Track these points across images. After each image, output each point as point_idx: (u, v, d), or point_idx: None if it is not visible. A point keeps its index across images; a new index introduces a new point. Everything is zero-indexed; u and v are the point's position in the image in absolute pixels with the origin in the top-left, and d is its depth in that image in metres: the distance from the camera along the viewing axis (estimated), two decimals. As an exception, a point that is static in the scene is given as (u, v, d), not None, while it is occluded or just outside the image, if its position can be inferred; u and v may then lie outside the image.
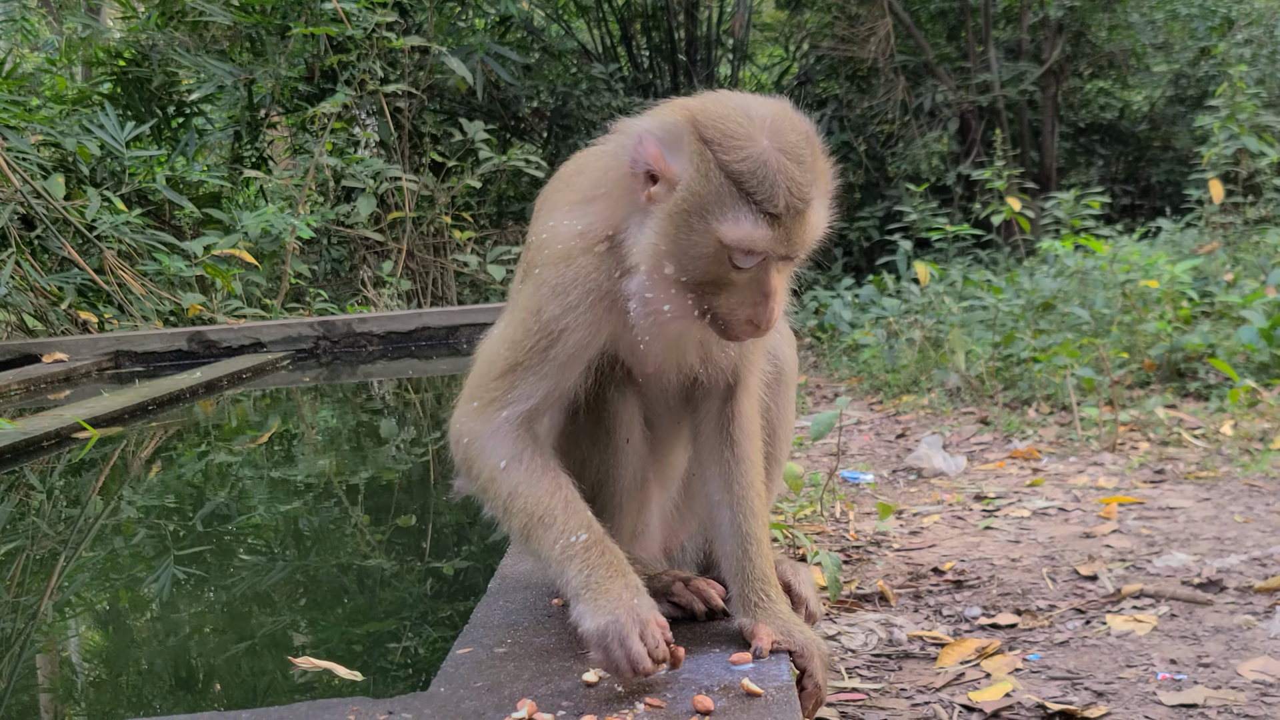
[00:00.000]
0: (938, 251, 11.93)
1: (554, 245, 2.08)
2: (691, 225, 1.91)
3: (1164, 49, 15.19)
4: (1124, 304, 6.90)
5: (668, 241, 1.94)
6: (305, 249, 11.56)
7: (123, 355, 8.49)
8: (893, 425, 6.34)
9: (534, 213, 2.26)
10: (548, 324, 2.05)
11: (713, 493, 2.26)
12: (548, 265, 2.07)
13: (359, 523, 4.34)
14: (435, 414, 6.77)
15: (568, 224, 2.09)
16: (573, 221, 2.09)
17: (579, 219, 2.08)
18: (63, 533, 4.34)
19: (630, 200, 2.01)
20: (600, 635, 1.93)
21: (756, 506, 2.22)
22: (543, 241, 2.11)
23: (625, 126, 2.05)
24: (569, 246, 2.06)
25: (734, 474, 2.23)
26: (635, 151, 1.95)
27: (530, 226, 2.24)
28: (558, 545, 2.03)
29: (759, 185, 1.88)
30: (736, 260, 1.93)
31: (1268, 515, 4.05)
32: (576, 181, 2.17)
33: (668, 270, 1.95)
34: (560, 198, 2.18)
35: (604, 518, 2.22)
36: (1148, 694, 2.66)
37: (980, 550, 3.88)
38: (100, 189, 10.57)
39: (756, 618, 2.15)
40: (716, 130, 1.91)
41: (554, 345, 2.06)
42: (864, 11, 14.51)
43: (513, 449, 2.08)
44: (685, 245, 1.93)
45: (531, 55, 15.14)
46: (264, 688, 2.84)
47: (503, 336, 2.14)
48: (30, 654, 3.14)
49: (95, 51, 13.07)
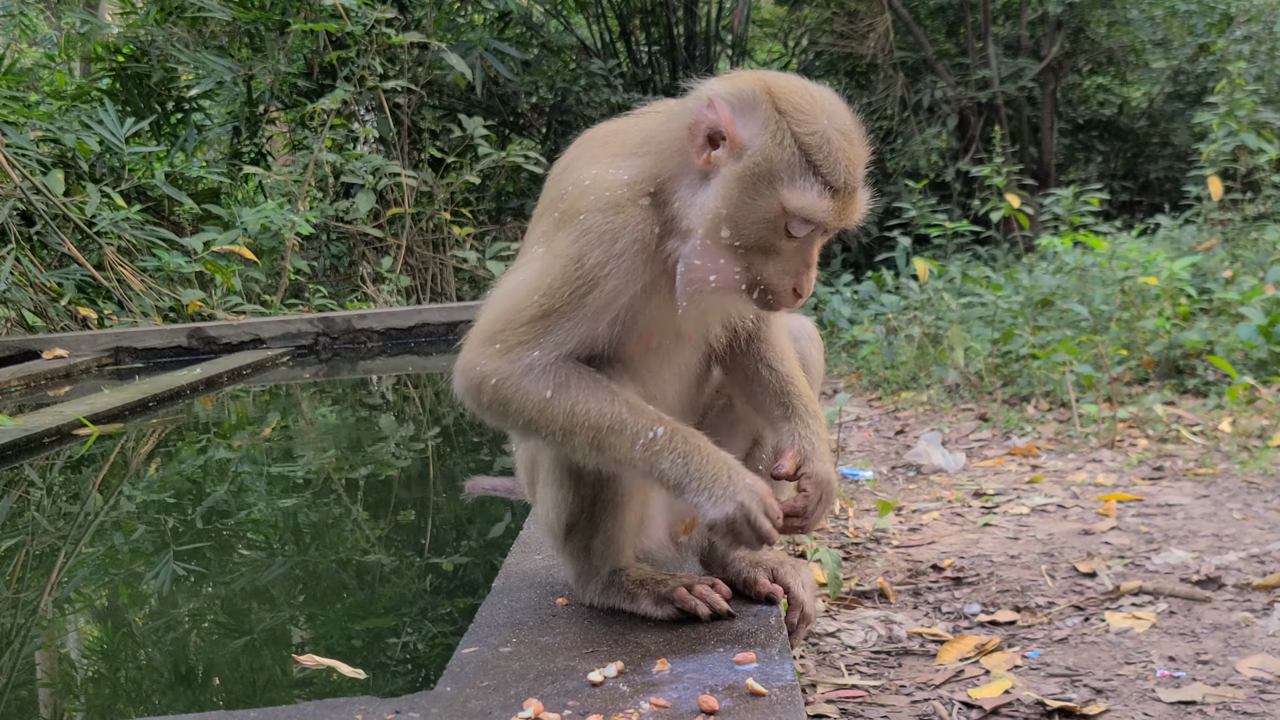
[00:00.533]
0: (937, 248, 11.93)
1: (600, 193, 2.07)
2: (759, 189, 1.98)
3: (1163, 45, 15.19)
4: (1123, 301, 6.91)
5: (730, 205, 1.99)
6: (304, 245, 11.56)
7: (123, 351, 8.50)
8: (892, 422, 6.35)
9: (559, 171, 2.24)
10: (591, 270, 2.04)
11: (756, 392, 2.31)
12: (593, 212, 2.05)
13: (359, 519, 4.35)
14: (435, 410, 6.77)
15: (613, 174, 2.09)
16: (618, 172, 2.10)
17: (625, 170, 2.10)
18: (63, 528, 4.35)
19: (681, 160, 2.05)
20: (729, 522, 2.00)
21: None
22: (584, 189, 2.09)
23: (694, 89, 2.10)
24: (616, 195, 2.06)
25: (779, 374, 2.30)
26: (702, 113, 2.01)
27: (553, 185, 2.22)
28: (638, 446, 2.03)
29: (824, 159, 1.98)
30: (792, 228, 2.00)
31: (1266, 512, 4.06)
32: (617, 139, 2.19)
33: (724, 234, 2.01)
34: (599, 151, 2.17)
35: (606, 518, 2.23)
36: (1146, 691, 2.67)
37: (979, 547, 3.89)
38: (99, 185, 10.57)
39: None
40: (789, 103, 2.00)
41: (592, 291, 2.05)
42: (863, 7, 14.51)
43: (557, 376, 2.06)
44: (748, 209, 1.99)
45: (530, 51, 15.12)
46: (264, 684, 2.84)
47: (532, 283, 2.09)
48: (30, 649, 3.14)
49: (94, 47, 13.08)
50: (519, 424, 2.10)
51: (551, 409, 2.05)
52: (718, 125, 1.99)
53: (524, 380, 2.06)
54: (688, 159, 2.04)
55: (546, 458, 2.27)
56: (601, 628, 2.21)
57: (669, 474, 2.03)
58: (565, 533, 2.28)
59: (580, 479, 2.20)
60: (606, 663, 2.01)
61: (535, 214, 2.27)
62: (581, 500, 2.22)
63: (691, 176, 2.05)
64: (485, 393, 2.10)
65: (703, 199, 2.02)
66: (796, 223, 2.00)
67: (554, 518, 2.28)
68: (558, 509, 2.26)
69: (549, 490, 2.27)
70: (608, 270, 2.04)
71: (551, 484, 2.25)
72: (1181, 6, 14.67)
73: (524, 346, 2.07)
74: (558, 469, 2.23)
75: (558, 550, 2.36)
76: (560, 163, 2.27)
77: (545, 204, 2.22)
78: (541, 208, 2.24)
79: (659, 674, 1.97)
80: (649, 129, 2.15)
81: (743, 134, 1.99)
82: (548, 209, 2.19)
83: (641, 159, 2.11)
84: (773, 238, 2.01)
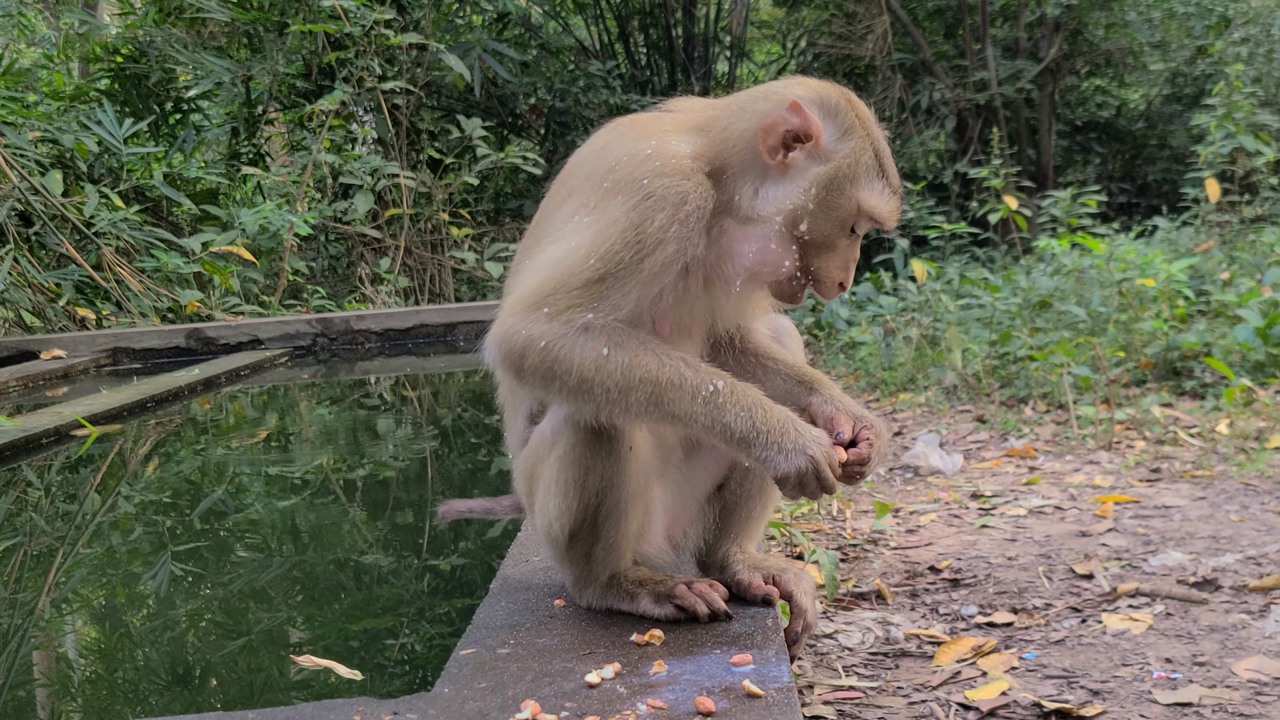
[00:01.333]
0: (935, 249, 11.94)
1: (665, 160, 2.08)
2: (841, 190, 2.12)
3: (1161, 47, 15.21)
4: (1120, 302, 6.92)
5: (810, 201, 2.11)
6: (303, 246, 11.56)
7: (121, 352, 8.50)
8: (889, 423, 6.36)
9: (596, 149, 2.25)
10: (655, 232, 2.04)
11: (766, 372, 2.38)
12: (660, 176, 2.06)
13: (356, 519, 4.35)
14: (433, 411, 6.78)
15: (677, 145, 2.13)
16: (681, 145, 2.13)
17: (687, 145, 2.14)
18: (61, 529, 4.35)
19: (748, 151, 2.13)
20: (799, 475, 2.03)
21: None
22: (645, 157, 2.09)
23: (769, 88, 2.21)
24: (683, 164, 2.09)
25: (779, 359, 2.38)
26: (783, 115, 2.10)
27: (593, 160, 2.21)
28: (699, 400, 2.02)
29: (888, 164, 2.18)
30: (858, 226, 2.17)
31: (1263, 514, 4.07)
32: (668, 119, 2.24)
33: (801, 227, 2.12)
34: (650, 129, 2.20)
35: (608, 526, 2.22)
36: (1143, 692, 2.67)
37: (977, 549, 3.90)
38: (98, 185, 10.57)
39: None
40: (864, 111, 2.18)
41: (653, 254, 2.04)
42: (861, 9, 14.53)
43: (612, 336, 2.03)
44: (827, 207, 2.12)
45: (529, 52, 15.14)
46: (262, 684, 2.84)
47: (586, 247, 2.06)
48: (28, 650, 3.14)
49: (93, 47, 13.07)
50: (569, 385, 2.05)
51: (609, 366, 2.02)
52: (803, 129, 2.10)
53: (578, 340, 2.03)
54: (755, 152, 2.12)
55: (549, 467, 2.23)
56: (599, 629, 2.22)
57: (734, 427, 2.02)
58: (568, 541, 2.26)
59: (584, 488, 2.18)
60: (604, 664, 2.02)
61: (562, 192, 2.26)
62: (585, 509, 2.21)
63: (757, 168, 2.13)
64: (531, 356, 2.05)
65: (777, 193, 2.12)
66: (865, 221, 2.16)
67: (556, 527, 2.25)
68: (560, 518, 2.23)
69: (551, 499, 2.24)
70: (671, 233, 2.05)
71: (554, 493, 2.23)
72: (1180, 9, 14.69)
73: (577, 309, 2.04)
74: (561, 478, 2.20)
75: (557, 558, 2.35)
76: (594, 143, 2.28)
77: (581, 179, 2.21)
78: (574, 184, 2.22)
79: (656, 676, 1.97)
80: (712, 115, 2.21)
81: (826, 138, 2.12)
82: (588, 182, 2.17)
83: (705, 138, 2.16)
84: (838, 235, 2.15)
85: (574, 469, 2.18)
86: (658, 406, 2.03)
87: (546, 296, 2.06)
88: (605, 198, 2.10)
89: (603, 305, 2.04)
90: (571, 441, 2.18)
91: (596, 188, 2.13)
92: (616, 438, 2.16)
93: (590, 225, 2.09)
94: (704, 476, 2.43)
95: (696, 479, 2.42)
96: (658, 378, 2.02)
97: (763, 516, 2.48)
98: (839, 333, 9.46)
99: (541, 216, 2.31)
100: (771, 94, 2.17)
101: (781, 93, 2.15)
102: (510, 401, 2.39)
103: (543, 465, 2.26)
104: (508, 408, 2.41)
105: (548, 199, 2.32)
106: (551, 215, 2.25)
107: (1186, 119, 13.08)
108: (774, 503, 2.50)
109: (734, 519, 2.44)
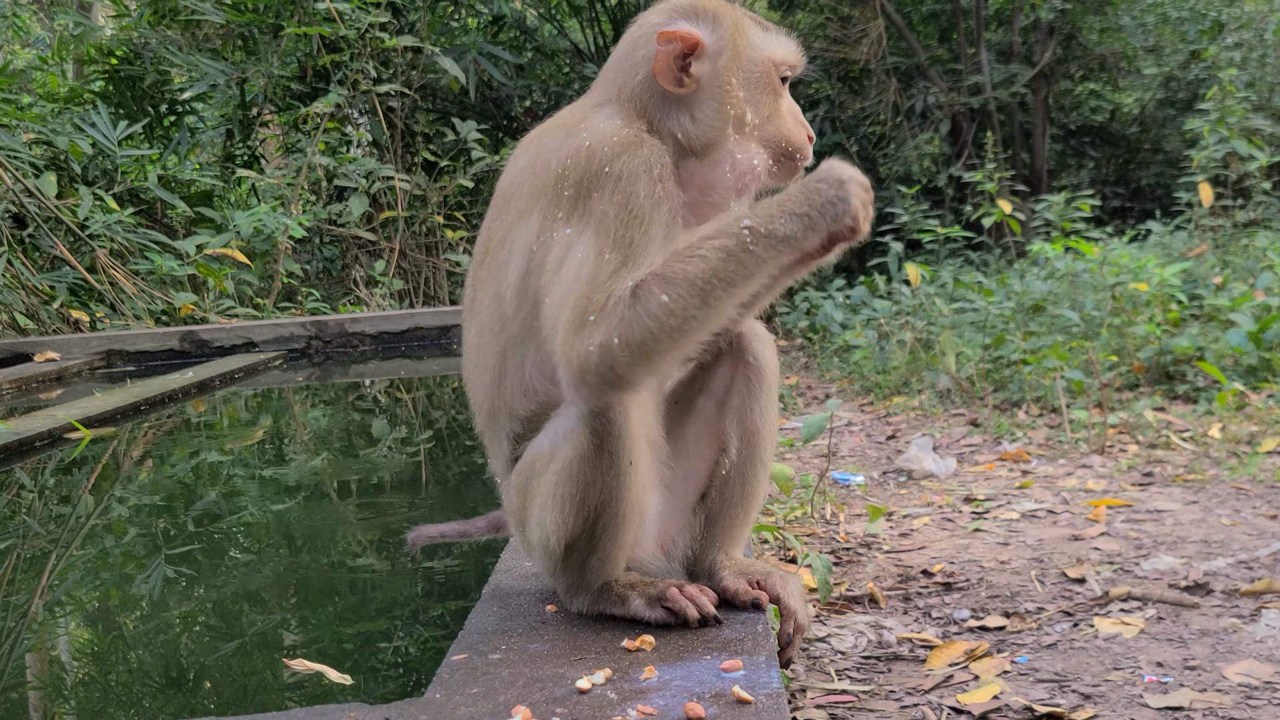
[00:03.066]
0: (929, 253, 11.96)
1: (610, 143, 2.09)
2: (750, 61, 2.22)
3: (1154, 52, 15.24)
4: (1113, 306, 6.93)
5: (737, 94, 2.20)
6: (297, 248, 11.56)
7: (115, 354, 8.49)
8: (883, 427, 6.37)
9: (524, 165, 2.22)
10: (643, 204, 2.04)
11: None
12: (616, 159, 2.07)
13: (350, 522, 4.35)
14: (427, 414, 6.78)
15: (606, 126, 2.14)
16: (610, 124, 2.15)
17: (615, 120, 2.16)
18: (54, 532, 4.35)
19: (659, 99, 2.21)
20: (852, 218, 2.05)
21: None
22: (588, 151, 2.09)
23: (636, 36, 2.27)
24: (625, 134, 2.11)
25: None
26: (662, 50, 2.17)
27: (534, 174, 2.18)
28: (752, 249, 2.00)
29: (759, 18, 2.30)
30: (782, 76, 2.28)
31: (1254, 518, 4.08)
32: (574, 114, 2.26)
33: (746, 119, 2.21)
34: (573, 121, 2.21)
35: (605, 538, 2.20)
36: (1134, 696, 2.68)
37: (969, 552, 3.90)
38: (92, 187, 10.58)
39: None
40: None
41: (654, 220, 2.05)
42: (856, 13, 14.54)
43: (656, 280, 1.99)
44: (750, 85, 2.22)
45: (524, 55, 15.14)
46: (255, 687, 2.84)
47: (592, 253, 2.03)
48: (20, 653, 3.14)
49: (87, 49, 13.07)
50: (666, 346, 2.00)
51: (676, 302, 1.97)
52: (686, 47, 2.17)
53: (635, 309, 1.98)
54: (664, 92, 2.19)
55: (547, 481, 2.21)
56: (590, 635, 2.22)
57: (791, 229, 2.02)
58: (564, 553, 2.25)
59: (583, 502, 2.17)
60: (595, 670, 2.01)
61: (508, 216, 2.22)
62: (583, 522, 2.19)
63: (676, 102, 2.20)
64: (619, 354, 1.98)
65: (708, 109, 2.19)
66: (783, 70, 2.27)
67: (553, 540, 2.23)
68: (558, 531, 2.21)
69: (550, 513, 2.21)
70: (657, 195, 2.06)
71: (552, 507, 2.20)
72: (1173, 13, 14.73)
73: (615, 295, 2.00)
74: (560, 492, 2.18)
75: (551, 569, 2.33)
76: (520, 162, 2.26)
77: (529, 199, 2.17)
78: (522, 205, 2.19)
79: (647, 681, 1.97)
80: (611, 86, 2.25)
81: (706, 36, 2.19)
82: (541, 199, 2.14)
83: (619, 106, 2.21)
84: (773, 100, 2.25)
85: (573, 483, 2.16)
86: (733, 286, 2.00)
87: (587, 308, 2.01)
88: (577, 204, 2.08)
89: (635, 272, 2.02)
90: (570, 456, 2.16)
91: (557, 199, 2.11)
92: (617, 451, 2.14)
93: (582, 232, 2.07)
94: (689, 485, 2.42)
95: (682, 487, 2.42)
96: (714, 269, 1.98)
97: (746, 522, 2.46)
98: (833, 336, 9.47)
99: (492, 243, 2.27)
100: (638, 39, 2.24)
101: (645, 31, 2.23)
102: (490, 428, 2.35)
103: (539, 479, 2.23)
104: (488, 434, 2.37)
105: (493, 225, 2.28)
106: (507, 237, 2.22)
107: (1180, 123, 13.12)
108: (757, 507, 2.49)
109: (718, 526, 2.43)
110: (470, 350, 2.35)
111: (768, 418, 2.41)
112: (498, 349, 2.25)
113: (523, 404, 2.26)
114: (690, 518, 2.45)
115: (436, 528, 2.90)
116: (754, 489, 2.43)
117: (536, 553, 2.33)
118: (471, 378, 2.35)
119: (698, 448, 2.38)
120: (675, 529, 2.46)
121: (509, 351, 2.24)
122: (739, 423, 2.39)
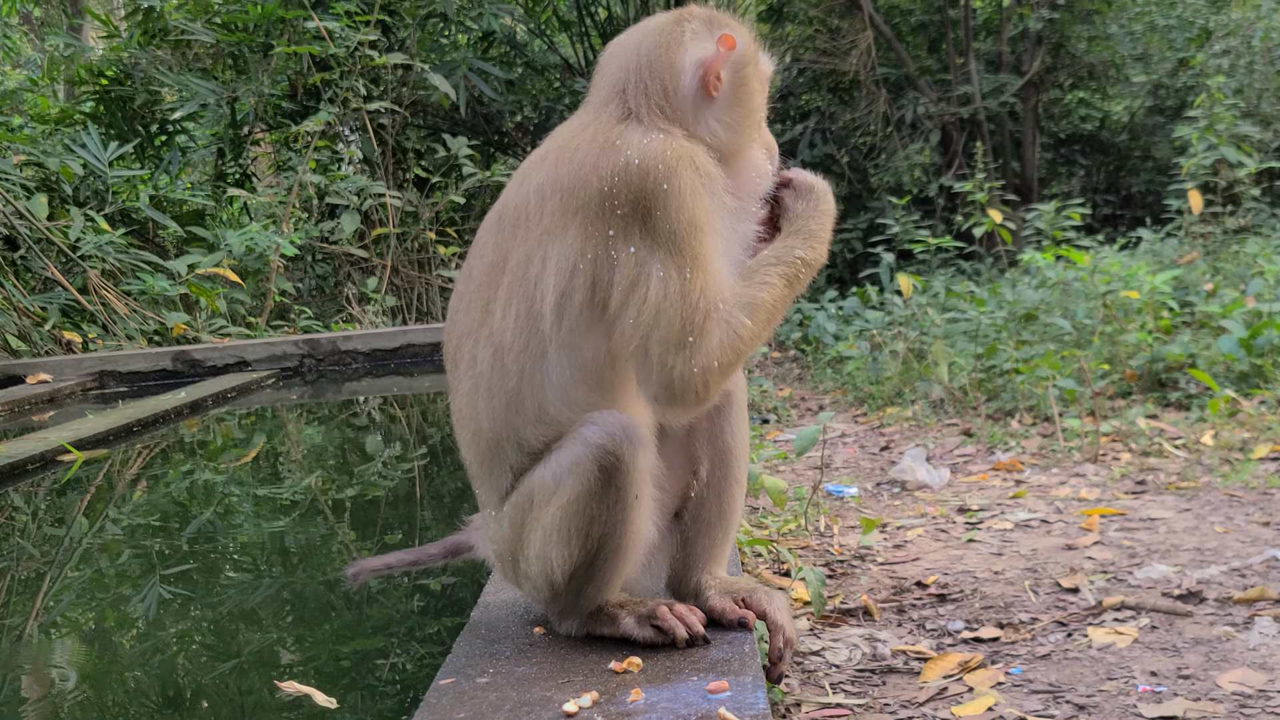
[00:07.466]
0: (920, 263, 11.98)
1: (663, 157, 2.08)
2: (759, 74, 2.30)
3: (1143, 60, 15.29)
4: (1105, 314, 6.95)
5: (758, 97, 2.29)
6: (289, 266, 11.56)
7: (107, 375, 8.48)
8: (877, 438, 6.37)
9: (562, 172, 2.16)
10: (711, 215, 2.13)
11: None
12: (675, 173, 2.07)
13: (345, 540, 4.35)
14: (421, 431, 6.78)
15: (641, 137, 2.13)
16: (656, 135, 2.13)
17: (657, 132, 2.15)
18: (48, 553, 4.34)
19: (694, 106, 2.23)
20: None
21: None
22: (641, 169, 2.07)
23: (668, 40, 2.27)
24: (677, 152, 2.11)
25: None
26: (723, 53, 2.22)
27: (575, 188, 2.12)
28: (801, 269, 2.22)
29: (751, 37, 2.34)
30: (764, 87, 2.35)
31: (1247, 526, 4.09)
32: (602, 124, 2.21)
33: (758, 119, 2.31)
34: (600, 135, 2.16)
35: (605, 568, 2.19)
36: (1128, 706, 2.69)
37: (963, 563, 3.91)
38: (83, 208, 10.57)
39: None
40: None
41: (720, 230, 2.16)
42: (845, 24, 14.58)
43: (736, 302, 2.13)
44: (759, 92, 2.31)
45: (514, 71, 15.17)
46: (251, 708, 2.84)
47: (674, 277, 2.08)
48: (15, 674, 3.14)
49: (78, 70, 13.08)
50: (739, 362, 2.18)
51: (757, 326, 2.15)
52: (734, 53, 2.23)
53: (730, 333, 2.11)
54: (698, 101, 2.22)
55: (550, 515, 2.18)
56: (578, 657, 2.21)
57: (810, 254, 2.24)
58: (565, 583, 2.23)
59: (588, 535, 2.16)
60: (582, 693, 2.01)
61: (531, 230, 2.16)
62: (587, 554, 2.17)
63: (705, 112, 2.23)
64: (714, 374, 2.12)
65: (737, 115, 2.26)
66: (766, 79, 2.34)
67: (558, 574, 2.21)
68: (562, 565, 2.19)
69: (553, 548, 2.19)
70: (719, 205, 2.16)
71: (556, 542, 2.18)
72: (1161, 21, 14.78)
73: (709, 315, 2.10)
74: (565, 526, 2.16)
75: (548, 598, 2.30)
76: (530, 178, 2.20)
77: (562, 212, 2.12)
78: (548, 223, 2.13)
79: (633, 704, 1.97)
80: (628, 99, 2.22)
81: (740, 45, 2.26)
82: (581, 215, 2.10)
83: (653, 118, 2.19)
84: (764, 104, 2.34)
85: (579, 517, 2.15)
86: (785, 308, 2.22)
87: (684, 328, 2.08)
88: (633, 222, 2.07)
89: (719, 288, 2.12)
90: (577, 490, 2.14)
91: (606, 216, 2.08)
92: (625, 486, 2.13)
93: (653, 250, 2.08)
94: (667, 502, 2.41)
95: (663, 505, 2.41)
96: (779, 296, 2.18)
97: (726, 541, 2.44)
98: (826, 347, 9.49)
99: (509, 260, 2.19)
100: (664, 44, 2.24)
101: (671, 38, 2.24)
102: (491, 458, 2.27)
103: (540, 511, 2.20)
104: (486, 463, 2.29)
105: (506, 242, 2.21)
106: (533, 255, 2.15)
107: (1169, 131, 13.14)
108: (735, 525, 2.46)
109: (699, 546, 2.40)
110: (481, 372, 2.24)
111: (739, 436, 2.40)
112: (518, 370, 2.17)
113: (534, 433, 2.21)
114: (667, 536, 2.44)
115: (381, 559, 2.75)
116: (730, 507, 2.41)
117: (534, 584, 2.29)
118: (477, 403, 2.25)
119: (670, 470, 2.35)
120: (658, 548, 2.45)
121: (532, 373, 2.17)
122: (710, 443, 2.38)
